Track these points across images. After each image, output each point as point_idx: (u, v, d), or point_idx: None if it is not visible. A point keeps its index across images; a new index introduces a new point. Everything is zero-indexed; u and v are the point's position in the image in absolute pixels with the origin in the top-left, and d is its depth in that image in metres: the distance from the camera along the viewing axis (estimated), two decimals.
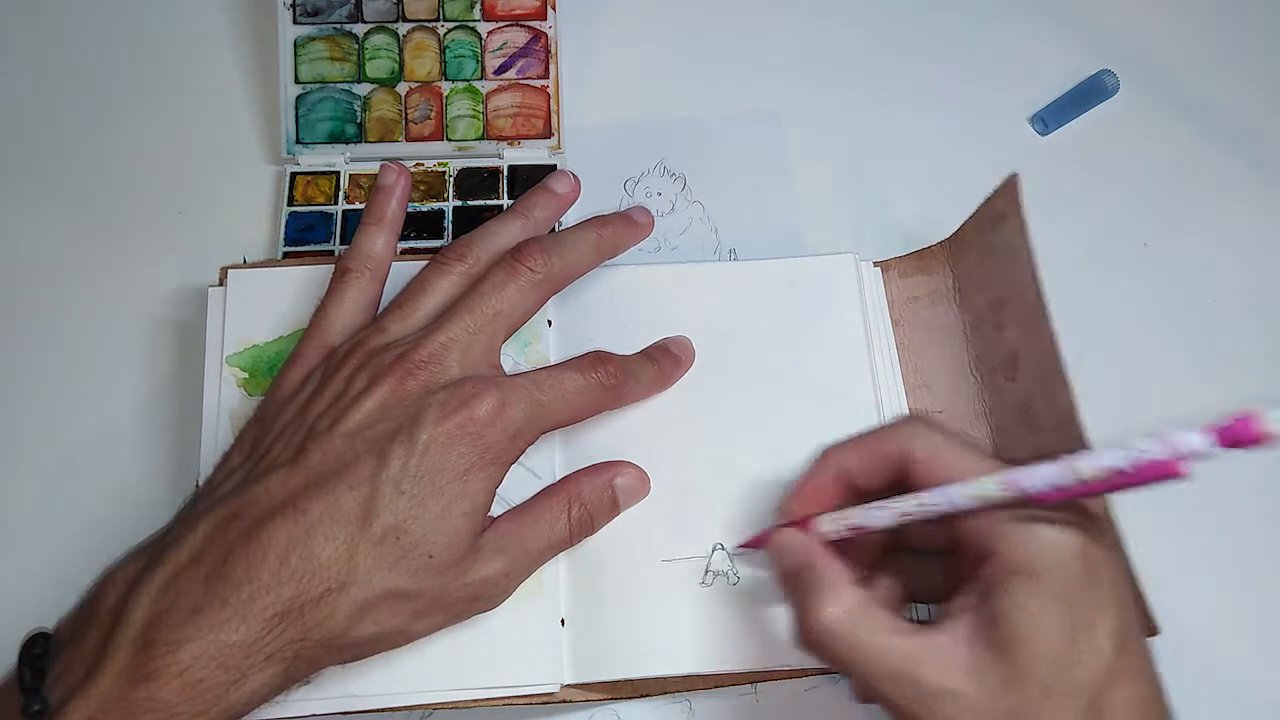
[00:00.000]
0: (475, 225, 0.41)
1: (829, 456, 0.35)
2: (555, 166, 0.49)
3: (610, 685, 0.38)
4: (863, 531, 0.34)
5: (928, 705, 0.30)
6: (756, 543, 0.37)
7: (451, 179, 0.49)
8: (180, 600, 0.31)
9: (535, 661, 0.37)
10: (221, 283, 0.42)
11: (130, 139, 0.50)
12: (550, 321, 0.42)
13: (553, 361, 0.41)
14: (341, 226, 0.47)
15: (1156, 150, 0.52)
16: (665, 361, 0.41)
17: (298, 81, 0.48)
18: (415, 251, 0.46)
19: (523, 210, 0.40)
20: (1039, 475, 0.29)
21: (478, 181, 0.49)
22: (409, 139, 0.48)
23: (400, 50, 0.49)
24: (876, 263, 0.45)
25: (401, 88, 0.49)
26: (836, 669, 0.32)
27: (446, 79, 0.49)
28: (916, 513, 0.32)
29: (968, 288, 0.43)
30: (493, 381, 0.35)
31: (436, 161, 0.49)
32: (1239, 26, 0.55)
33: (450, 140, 0.49)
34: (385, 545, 0.32)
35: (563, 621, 0.38)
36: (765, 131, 0.51)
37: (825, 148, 0.51)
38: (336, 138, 0.48)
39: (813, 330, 0.42)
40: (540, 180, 0.42)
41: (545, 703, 0.37)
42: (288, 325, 0.41)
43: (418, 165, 0.49)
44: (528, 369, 0.40)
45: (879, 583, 0.35)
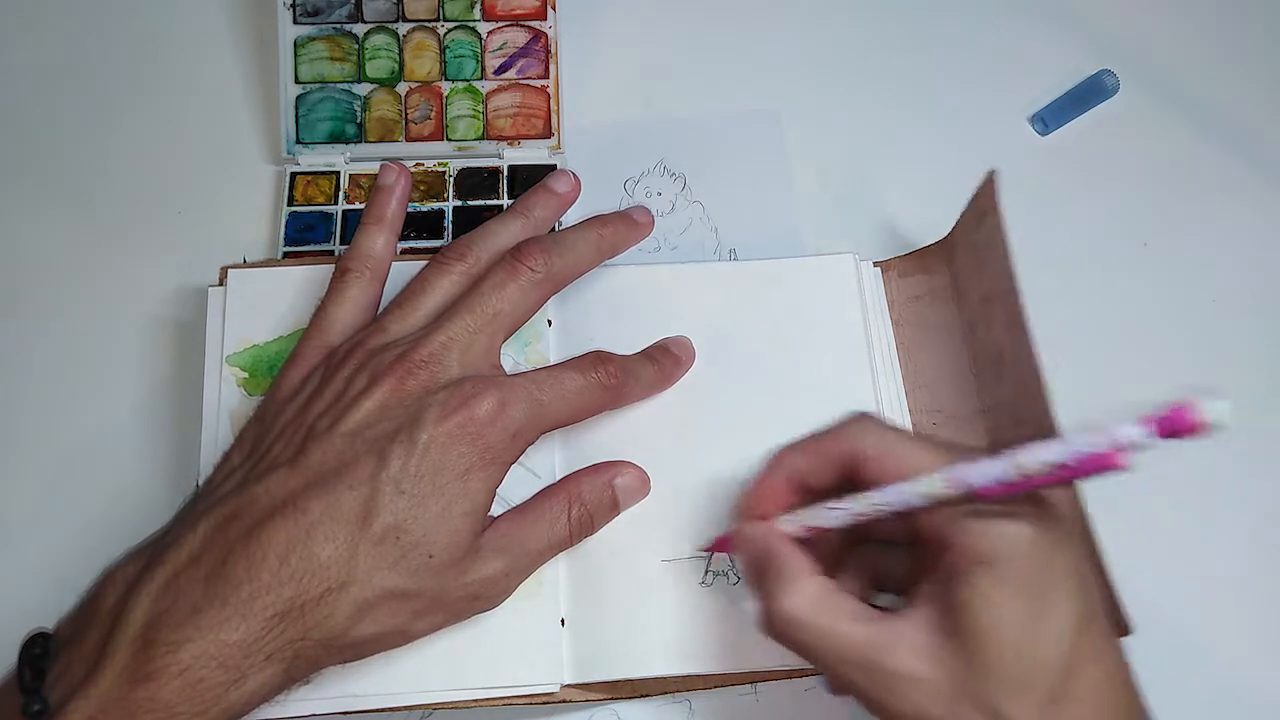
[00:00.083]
0: (475, 225, 0.41)
1: (780, 458, 0.35)
2: (555, 166, 0.49)
3: (610, 685, 0.38)
4: (818, 531, 0.34)
5: (893, 690, 0.30)
6: (720, 545, 0.37)
7: (451, 179, 0.49)
8: (180, 600, 0.31)
9: (535, 661, 0.37)
10: (221, 283, 0.42)
11: (130, 139, 0.50)
12: (550, 321, 0.42)
13: (553, 361, 0.41)
14: (341, 226, 0.47)
15: (1156, 150, 0.52)
16: (665, 361, 0.41)
17: (298, 81, 0.48)
18: (415, 251, 0.46)
19: (523, 210, 0.40)
20: (983, 471, 0.29)
21: (478, 181, 0.49)
22: (409, 139, 0.48)
23: (400, 50, 0.49)
24: (876, 263, 0.45)
25: (401, 88, 0.49)
26: (803, 657, 0.32)
27: (446, 79, 0.49)
28: (869, 512, 0.32)
29: (963, 286, 0.43)
30: (493, 381, 0.35)
31: (436, 161, 0.49)
32: (1239, 26, 0.55)
33: (450, 140, 0.49)
34: (385, 545, 0.32)
35: (563, 621, 0.38)
36: (765, 131, 0.51)
37: (825, 148, 0.51)
38: (336, 138, 0.48)
39: (813, 330, 0.42)
40: (540, 180, 0.42)
41: (545, 703, 0.37)
42: (288, 325, 0.41)
43: (418, 165, 0.49)
44: (528, 369, 0.40)
45: (846, 573, 0.35)
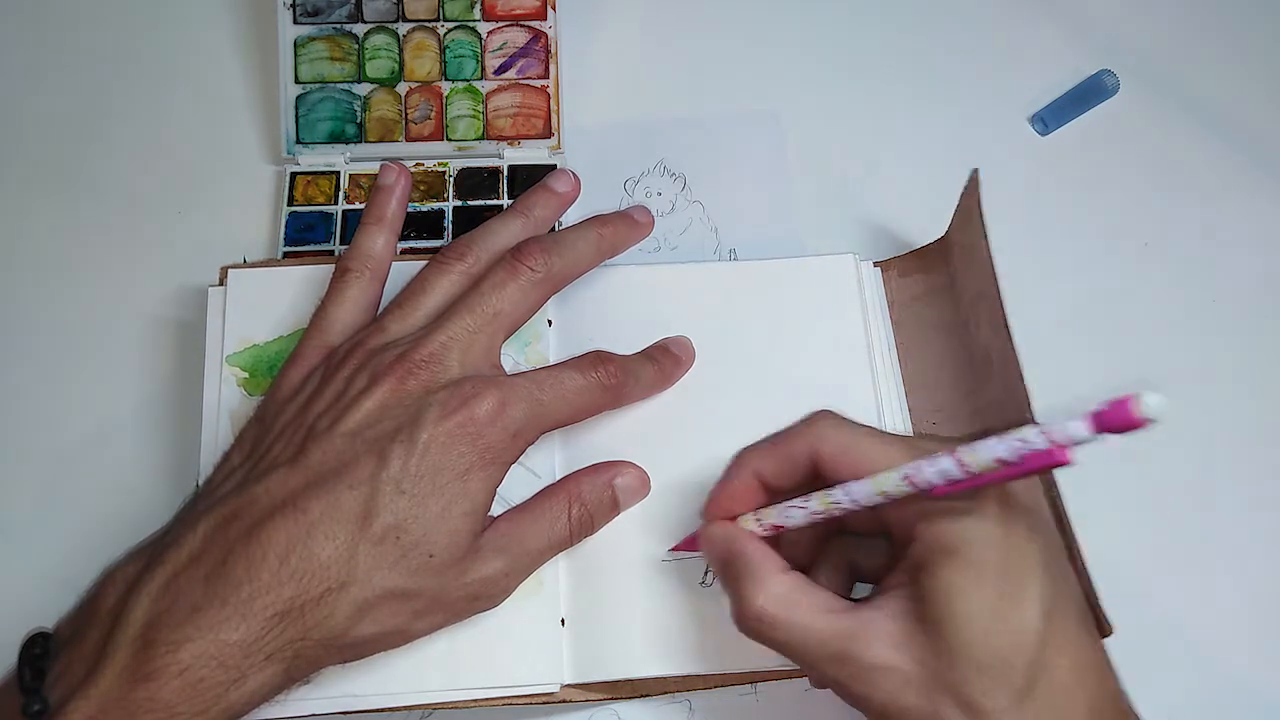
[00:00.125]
0: (475, 225, 0.41)
1: (742, 459, 0.35)
2: (555, 166, 0.49)
3: (610, 685, 0.38)
4: (783, 530, 0.34)
5: (867, 681, 0.30)
6: (687, 545, 0.37)
7: (451, 179, 0.49)
8: (180, 600, 0.31)
9: (535, 661, 0.37)
10: (221, 283, 0.42)
11: (130, 139, 0.50)
12: (550, 321, 0.42)
13: (553, 361, 0.41)
14: (341, 226, 0.47)
15: (1156, 150, 0.52)
16: (665, 361, 0.41)
17: (298, 81, 0.48)
18: (415, 251, 0.46)
19: (523, 209, 0.40)
20: (933, 468, 0.29)
21: (478, 181, 0.49)
22: (409, 139, 0.48)
23: (400, 50, 0.49)
24: (876, 262, 0.45)
25: (401, 88, 0.49)
26: (779, 653, 0.32)
27: (446, 79, 0.49)
28: (826, 511, 0.32)
29: (959, 286, 0.43)
30: (493, 381, 0.35)
31: (436, 161, 0.49)
32: (1239, 26, 0.55)
33: (450, 140, 0.49)
34: (385, 545, 0.32)
35: (563, 621, 0.38)
36: (765, 131, 0.51)
37: (825, 148, 0.51)
38: (336, 138, 0.48)
39: (813, 330, 0.42)
40: (540, 180, 0.42)
41: (545, 703, 0.37)
42: (288, 325, 0.41)
43: (418, 165, 0.49)
44: (528, 369, 0.40)
45: (823, 566, 0.35)
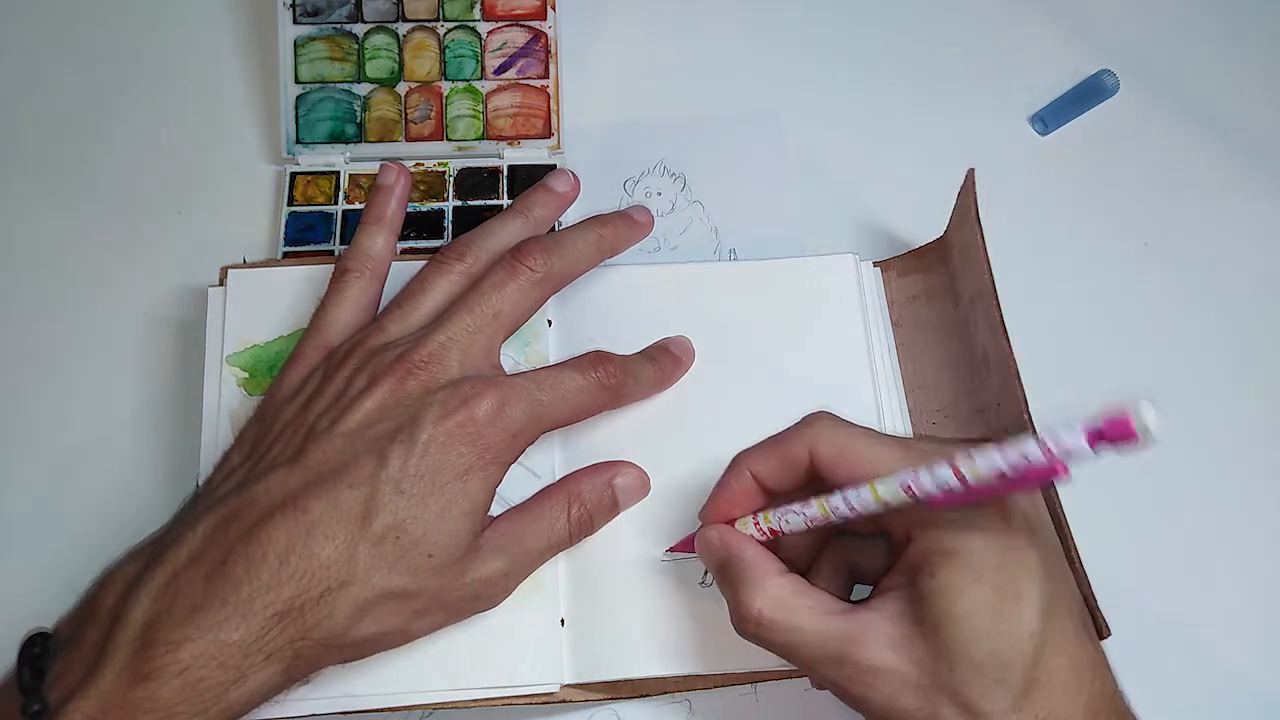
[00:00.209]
0: (475, 225, 0.41)
1: (739, 462, 0.35)
2: (555, 166, 0.49)
3: (610, 685, 0.38)
4: (781, 535, 0.34)
5: (865, 682, 0.30)
6: (685, 546, 0.37)
7: (451, 179, 0.49)
8: (180, 600, 0.31)
9: (535, 661, 0.37)
10: (221, 283, 0.42)
11: (130, 139, 0.50)
12: (550, 321, 0.42)
13: (553, 361, 0.41)
14: (341, 226, 0.47)
15: (1156, 150, 0.52)
16: (665, 361, 0.40)
17: (298, 81, 0.48)
18: (415, 251, 0.46)
19: (522, 209, 0.40)
20: (932, 480, 0.29)
21: (478, 181, 0.49)
22: (409, 139, 0.48)
23: (400, 50, 0.49)
24: (876, 262, 0.45)
25: (401, 88, 0.49)
26: (778, 655, 0.32)
27: (446, 79, 0.49)
28: (823, 518, 0.32)
29: (958, 285, 0.43)
30: (492, 381, 0.35)
31: (436, 161, 0.49)
32: (1239, 26, 0.55)
33: (450, 140, 0.49)
34: (385, 545, 0.32)
35: (562, 621, 0.38)
36: (765, 131, 0.51)
37: (825, 148, 0.51)
38: (336, 138, 0.48)
39: (813, 330, 0.42)
40: (540, 180, 0.42)
41: (545, 703, 0.37)
42: (288, 325, 0.41)
43: (418, 165, 0.49)
44: (528, 369, 0.40)
45: (822, 567, 0.35)
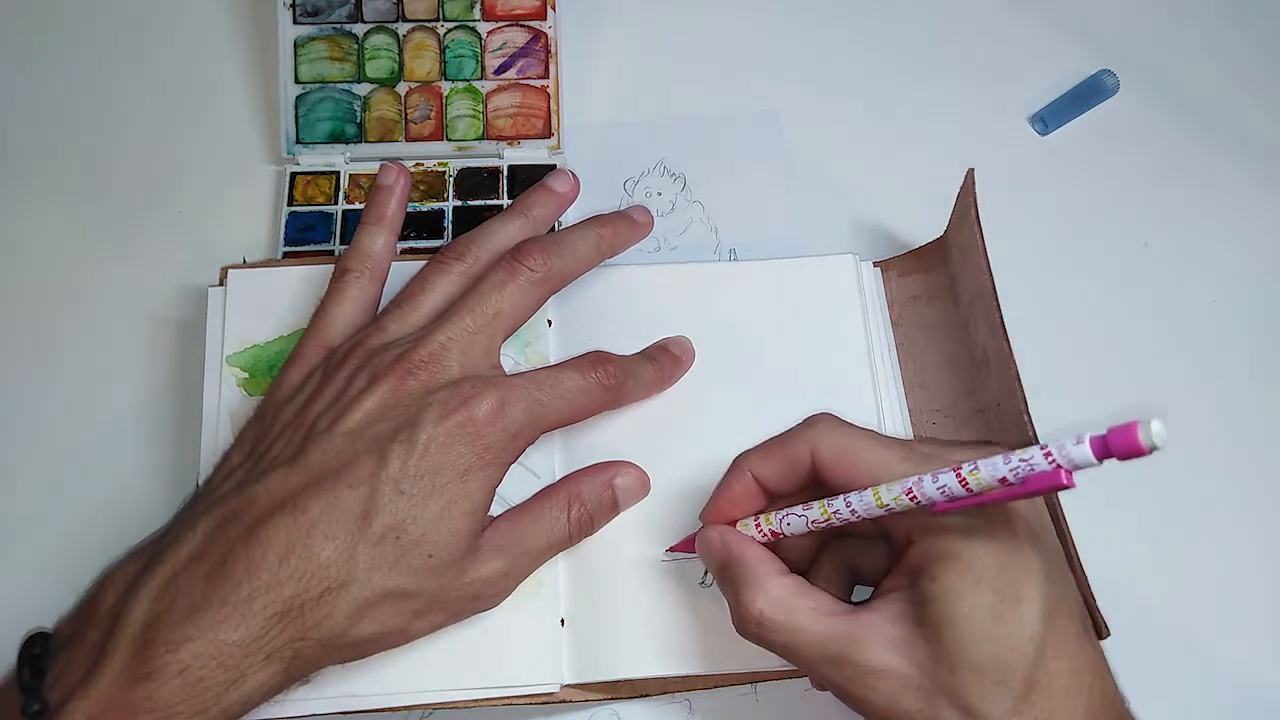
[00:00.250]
0: (475, 225, 0.41)
1: (740, 463, 0.35)
2: (555, 166, 0.49)
3: (610, 685, 0.38)
4: (782, 537, 0.34)
5: (866, 684, 0.30)
6: (685, 546, 0.37)
7: (451, 179, 0.49)
8: (180, 599, 0.31)
9: (535, 661, 0.37)
10: (221, 283, 0.42)
11: (130, 139, 0.50)
12: (550, 321, 0.42)
13: (553, 361, 0.41)
14: (341, 226, 0.47)
15: (1156, 150, 0.52)
16: (665, 361, 0.40)
17: (298, 81, 0.48)
18: (415, 251, 0.46)
19: (522, 209, 0.41)
20: (935, 485, 0.29)
21: (478, 181, 0.49)
22: (409, 139, 0.48)
23: (400, 50, 0.49)
24: (876, 263, 0.45)
25: (401, 88, 0.49)
26: (779, 656, 0.32)
27: (446, 79, 0.49)
28: (830, 520, 0.32)
29: (958, 285, 0.43)
30: (492, 381, 0.35)
31: (436, 161, 0.49)
32: (1239, 26, 0.55)
33: (450, 140, 0.49)
34: (385, 544, 0.32)
35: (563, 621, 0.38)
36: (765, 131, 0.51)
37: (825, 148, 0.51)
38: (336, 138, 0.48)
39: (813, 330, 0.42)
40: (540, 180, 0.42)
41: (545, 703, 0.37)
42: (288, 325, 0.41)
43: (418, 165, 0.49)
44: (528, 369, 0.40)
45: (823, 568, 0.35)
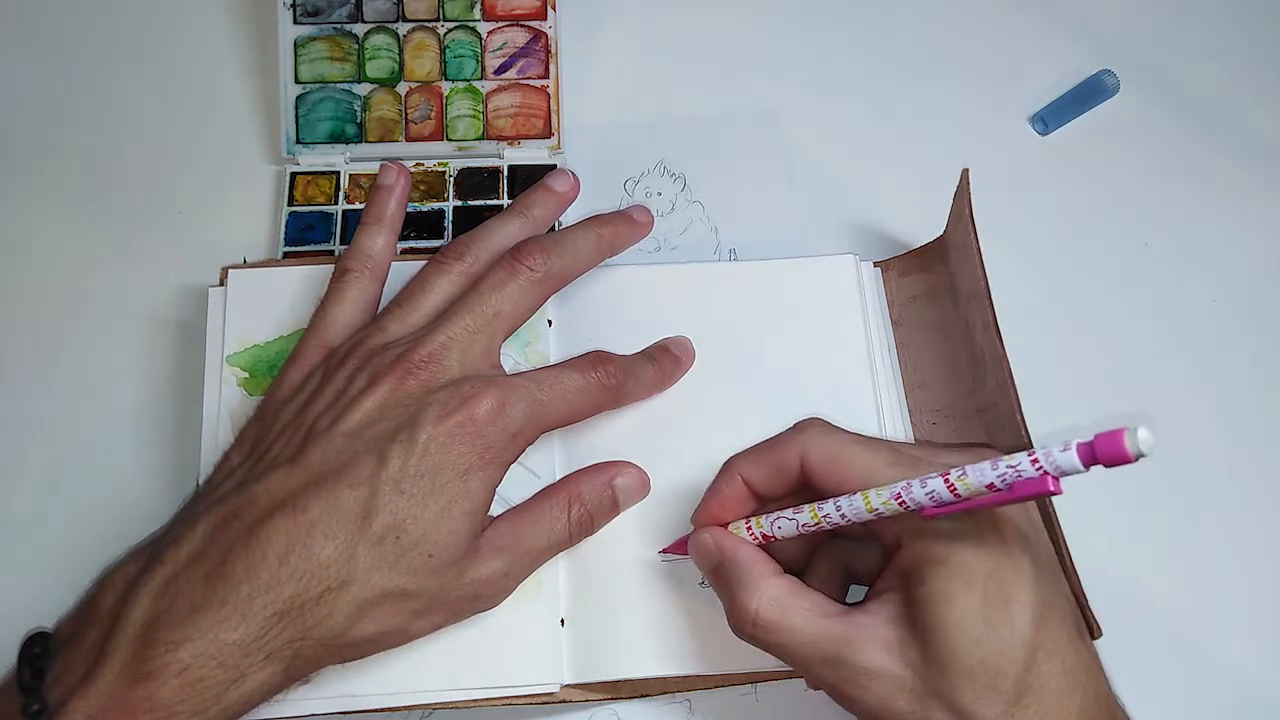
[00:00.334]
0: (475, 225, 0.41)
1: (730, 467, 0.35)
2: (555, 166, 0.49)
3: (610, 685, 0.38)
4: (773, 540, 0.34)
5: (860, 685, 0.30)
6: (678, 548, 0.37)
7: (451, 179, 0.49)
8: (180, 599, 0.31)
9: (535, 661, 0.37)
10: (222, 283, 0.42)
11: (130, 139, 0.50)
12: (550, 321, 0.42)
13: (553, 361, 0.41)
14: (341, 226, 0.47)
15: (1156, 150, 0.52)
16: (665, 361, 0.40)
17: (298, 81, 0.48)
18: (415, 251, 0.46)
19: (522, 209, 0.41)
20: (924, 490, 0.29)
21: (478, 181, 0.49)
22: (409, 139, 0.48)
23: (400, 50, 0.49)
24: (876, 263, 0.45)
25: (401, 88, 0.49)
26: (774, 656, 0.32)
27: (446, 79, 0.49)
28: (821, 523, 0.32)
29: (958, 285, 0.43)
30: (492, 381, 0.35)
31: (436, 161, 0.49)
32: (1239, 26, 0.55)
33: (450, 140, 0.49)
34: (385, 544, 0.32)
35: (563, 621, 0.38)
36: (765, 131, 0.51)
37: (825, 148, 0.51)
38: (336, 138, 0.48)
39: (813, 330, 0.42)
40: (540, 179, 0.42)
41: (545, 703, 0.37)
42: (288, 325, 0.41)
43: (418, 165, 0.49)
44: (528, 369, 0.40)
45: (817, 568, 0.35)
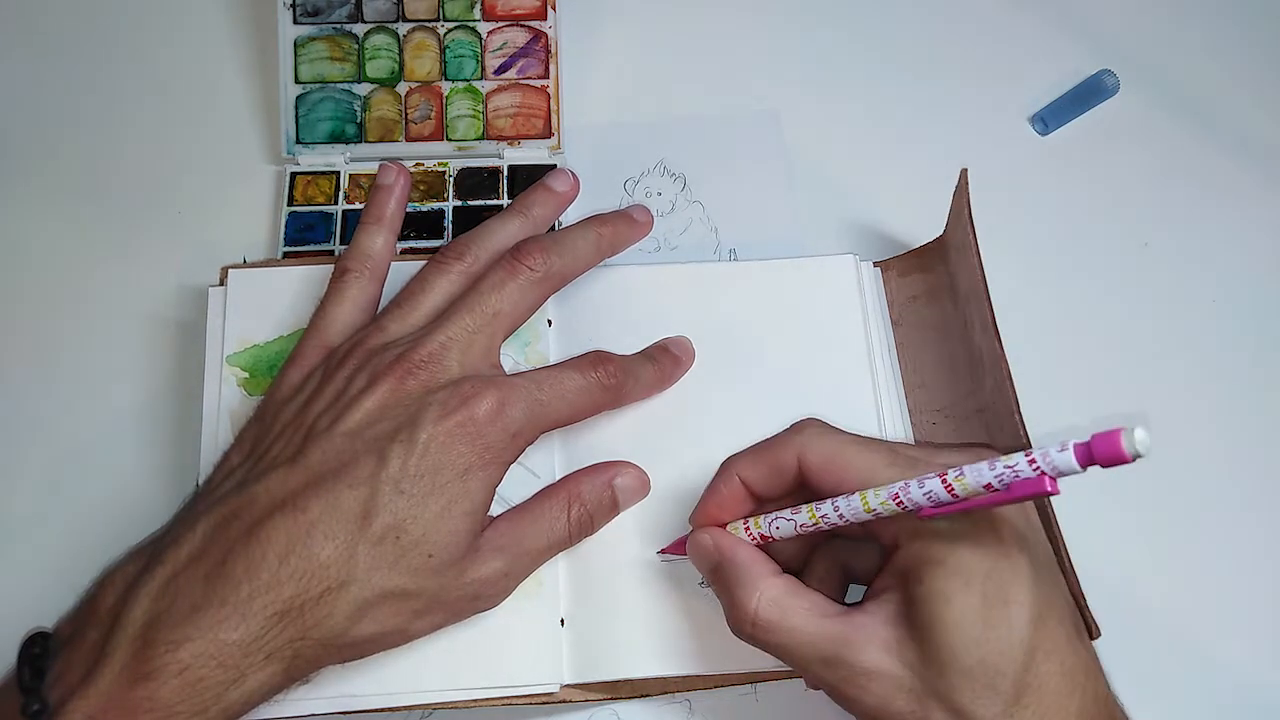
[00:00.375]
0: (475, 225, 0.41)
1: (728, 467, 0.35)
2: (555, 166, 0.49)
3: (610, 685, 0.38)
4: (770, 541, 0.34)
5: (859, 685, 0.30)
6: (676, 549, 0.37)
7: (451, 179, 0.49)
8: (180, 599, 0.31)
9: (535, 661, 0.37)
10: (222, 283, 0.42)
11: (130, 139, 0.50)
12: (550, 321, 0.42)
13: (553, 361, 0.41)
14: (341, 226, 0.47)
15: (1156, 150, 0.52)
16: (665, 361, 0.40)
17: (298, 81, 0.48)
18: (415, 251, 0.46)
19: (522, 208, 0.41)
20: (921, 491, 0.29)
21: (478, 181, 0.49)
22: (409, 139, 0.48)
23: (400, 50, 0.49)
24: (876, 263, 0.45)
25: (401, 88, 0.49)
26: (774, 656, 0.32)
27: (446, 79, 0.49)
28: (819, 524, 0.32)
29: (957, 285, 0.43)
30: (492, 381, 0.35)
31: (436, 161, 0.49)
32: (1239, 26, 0.55)
33: (450, 140, 0.49)
34: (385, 544, 0.32)
35: (562, 621, 0.38)
36: (765, 131, 0.51)
37: (825, 147, 0.51)
38: (336, 138, 0.48)
39: (813, 330, 0.42)
40: (539, 179, 0.42)
41: (545, 703, 0.37)
42: (288, 325, 0.41)
43: (418, 165, 0.49)
44: (528, 369, 0.40)
45: (816, 568, 0.35)
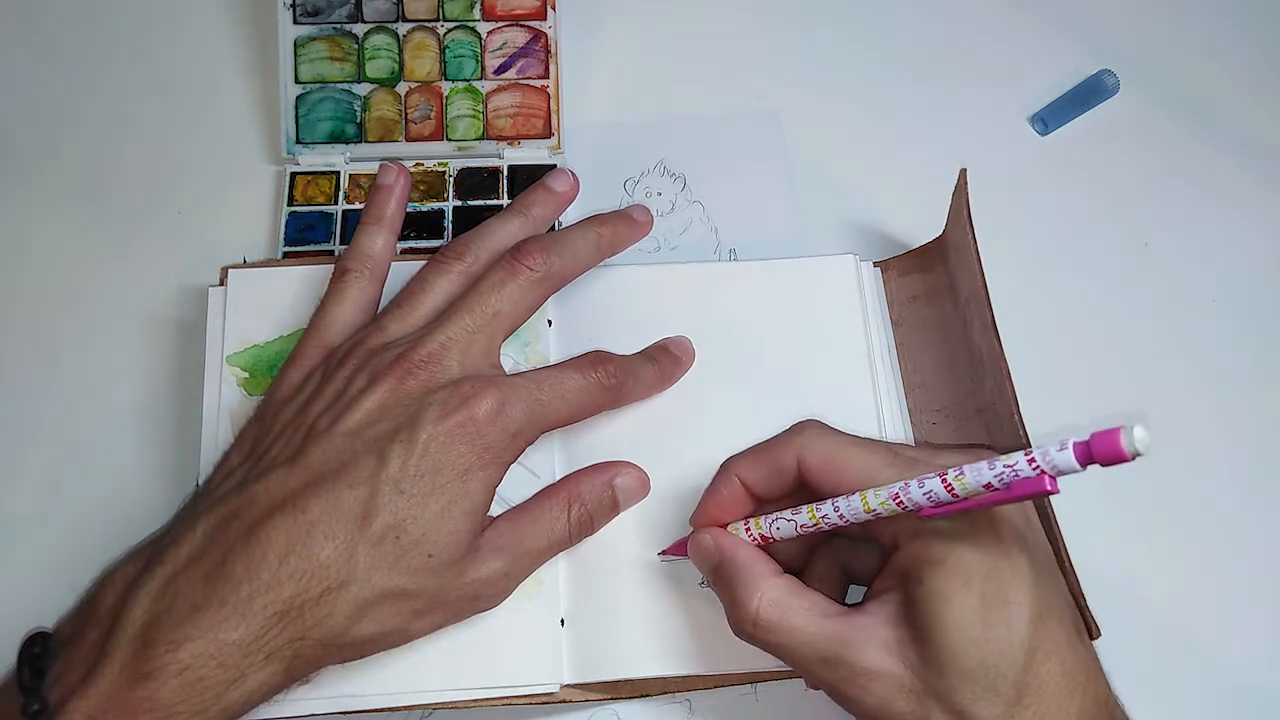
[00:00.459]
0: (475, 225, 0.41)
1: (727, 468, 0.35)
2: (555, 166, 0.49)
3: (610, 685, 0.38)
4: (771, 541, 0.34)
5: (859, 685, 0.30)
6: (677, 549, 0.37)
7: (451, 179, 0.49)
8: (180, 599, 0.31)
9: (535, 661, 0.37)
10: (222, 283, 0.42)
11: (130, 139, 0.50)
12: (550, 321, 0.42)
13: (553, 361, 0.41)
14: (341, 226, 0.47)
15: (1156, 150, 0.52)
16: (665, 361, 0.41)
17: (298, 81, 0.48)
18: (415, 251, 0.46)
19: (521, 208, 0.41)
20: (921, 491, 0.29)
21: (478, 181, 0.49)
22: (409, 139, 0.48)
23: (400, 50, 0.49)
24: (876, 263, 0.45)
25: (401, 88, 0.49)
26: (774, 656, 0.32)
27: (446, 79, 0.49)
28: (819, 524, 0.32)
29: (957, 285, 0.43)
30: (492, 381, 0.35)
31: (436, 161, 0.49)
32: (1239, 26, 0.55)
33: (450, 140, 0.49)
34: (385, 544, 0.32)
35: (562, 621, 0.38)
36: (765, 131, 0.51)
37: (825, 147, 0.51)
38: (336, 138, 0.48)
39: (813, 330, 0.42)
40: (539, 179, 0.42)
41: (545, 703, 0.37)
42: (288, 325, 0.41)
43: (418, 165, 0.49)
44: (528, 369, 0.40)
45: (816, 568, 0.35)
